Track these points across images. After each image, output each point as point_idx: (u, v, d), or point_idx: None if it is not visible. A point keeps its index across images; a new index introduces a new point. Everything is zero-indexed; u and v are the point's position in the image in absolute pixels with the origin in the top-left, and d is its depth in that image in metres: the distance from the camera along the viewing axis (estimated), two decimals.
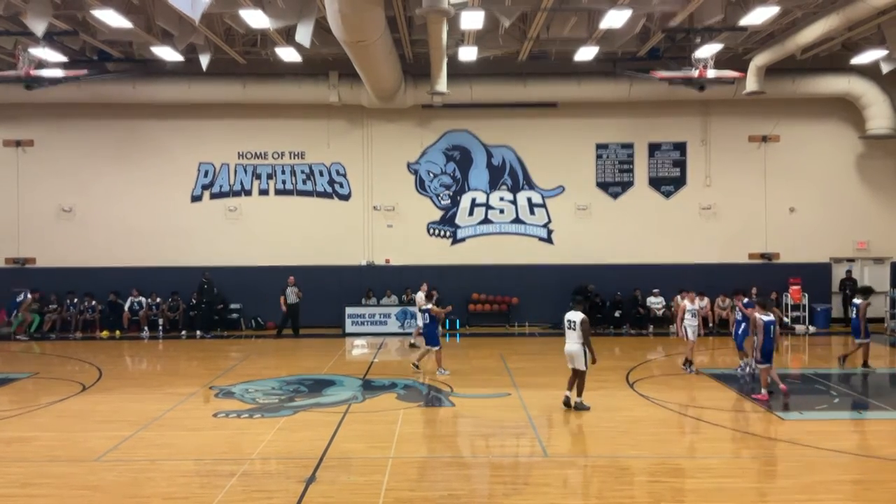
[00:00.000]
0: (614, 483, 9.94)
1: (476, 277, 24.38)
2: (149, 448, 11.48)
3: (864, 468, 10.33)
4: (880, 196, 24.52)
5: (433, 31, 16.60)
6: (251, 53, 22.28)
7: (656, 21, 19.47)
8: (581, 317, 13.12)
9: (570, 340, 13.24)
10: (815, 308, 23.83)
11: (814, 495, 9.54)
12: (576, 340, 13.12)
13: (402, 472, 10.27)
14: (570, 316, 13.29)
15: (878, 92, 23.12)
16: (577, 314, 13.19)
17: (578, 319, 13.10)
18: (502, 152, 24.88)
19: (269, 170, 24.91)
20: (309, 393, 15.26)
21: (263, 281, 24.04)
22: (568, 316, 13.34)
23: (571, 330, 13.22)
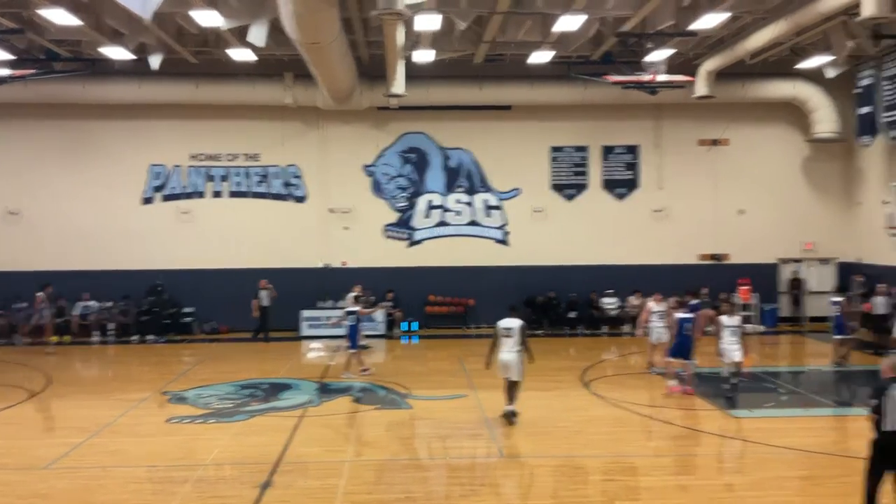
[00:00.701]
0: (569, 482, 10.05)
1: (433, 279, 24.40)
2: (100, 455, 11.26)
3: (812, 464, 10.61)
4: (826, 198, 25.19)
5: (389, 32, 16.58)
6: (204, 53, 21.98)
7: (609, 25, 19.73)
8: (519, 323, 12.78)
9: (506, 349, 12.71)
10: (763, 308, 24.37)
11: (764, 491, 9.77)
12: (513, 349, 12.67)
13: (359, 476, 10.25)
14: (507, 323, 12.81)
15: (823, 96, 23.75)
16: (515, 321, 12.79)
17: (517, 326, 12.72)
18: (459, 154, 24.96)
19: (222, 172, 24.59)
20: (264, 397, 15.12)
21: (218, 284, 23.70)
22: (504, 323, 12.82)
23: (508, 338, 12.72)
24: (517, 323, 12.76)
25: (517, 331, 12.69)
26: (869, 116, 22.50)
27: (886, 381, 8.08)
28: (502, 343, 12.74)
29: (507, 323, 12.80)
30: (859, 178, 24.61)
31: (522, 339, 12.69)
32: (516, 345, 12.66)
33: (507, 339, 12.72)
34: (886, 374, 8.18)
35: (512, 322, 12.78)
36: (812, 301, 24.99)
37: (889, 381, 8.07)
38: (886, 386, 7.99)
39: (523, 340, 12.69)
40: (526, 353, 12.75)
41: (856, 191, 24.76)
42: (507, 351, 12.71)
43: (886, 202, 20.83)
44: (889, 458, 7.94)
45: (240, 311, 23.52)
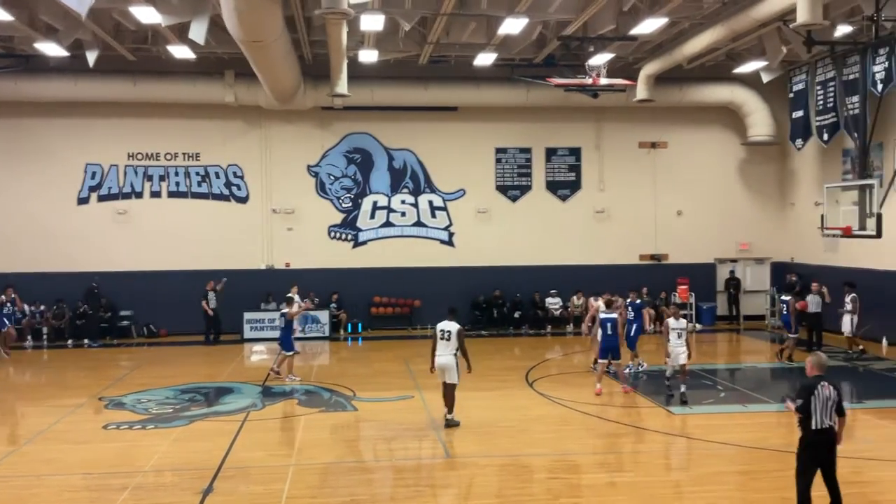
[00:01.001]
0: (514, 481, 10.13)
1: (378, 280, 24.32)
2: (33, 463, 10.90)
3: (750, 459, 10.88)
4: (761, 199, 25.92)
5: (333, 32, 16.47)
6: (142, 50, 21.48)
7: (552, 29, 19.97)
8: (457, 327, 12.54)
9: (442, 352, 12.53)
10: (701, 307, 24.96)
11: (704, 487, 10.00)
12: (450, 352, 12.48)
13: (304, 480, 10.14)
14: (445, 326, 12.59)
15: (758, 101, 24.44)
16: (453, 324, 12.56)
17: (454, 329, 12.48)
18: (404, 155, 24.92)
19: (161, 171, 24.06)
20: (205, 402, 14.85)
21: (157, 287, 23.19)
22: (441, 326, 12.62)
23: (445, 341, 12.52)
24: (455, 326, 12.54)
25: (454, 334, 12.47)
26: (802, 120, 23.25)
27: (813, 379, 8.24)
28: (439, 346, 12.55)
29: (444, 325, 12.61)
30: (793, 180, 25.40)
31: (460, 342, 12.48)
32: (453, 348, 12.46)
33: (444, 343, 12.51)
34: (811, 373, 8.35)
35: (449, 325, 12.58)
36: (747, 300, 25.71)
37: (815, 379, 8.23)
38: (814, 384, 8.14)
39: (460, 344, 12.49)
40: (462, 358, 12.52)
41: (789, 192, 25.55)
42: (443, 354, 12.52)
43: (819, 203, 21.52)
44: (818, 456, 8.10)
45: (180, 313, 23.10)
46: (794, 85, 23.64)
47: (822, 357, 8.61)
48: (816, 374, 8.30)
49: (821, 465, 8.14)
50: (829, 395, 8.09)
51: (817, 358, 8.50)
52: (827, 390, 8.10)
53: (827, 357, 8.82)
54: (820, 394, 8.08)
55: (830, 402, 8.09)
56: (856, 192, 18.15)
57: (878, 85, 19.33)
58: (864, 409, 14.13)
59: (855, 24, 18.45)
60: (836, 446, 8.18)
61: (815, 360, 8.46)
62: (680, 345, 14.14)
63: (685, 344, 14.17)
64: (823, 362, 8.47)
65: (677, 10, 17.55)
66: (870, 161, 19.80)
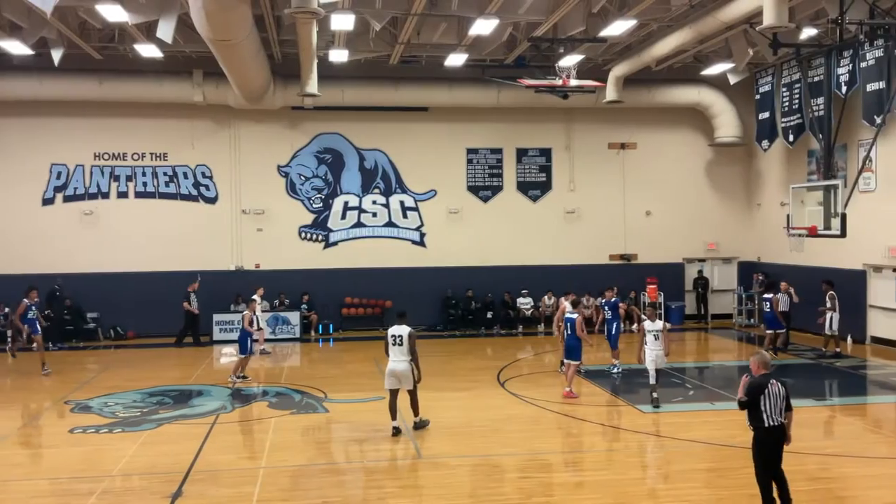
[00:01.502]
0: (487, 481, 10.15)
1: (349, 281, 24.22)
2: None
3: (718, 456, 11.01)
4: (728, 200, 26.25)
5: (303, 31, 16.37)
6: (108, 49, 21.19)
7: (522, 30, 20.05)
8: (408, 330, 12.09)
9: (396, 358, 12.07)
10: (670, 306, 25.20)
11: (673, 484, 10.12)
12: (403, 357, 12.05)
13: (274, 482, 10.07)
14: (396, 330, 12.12)
15: (725, 102, 24.76)
16: (404, 328, 12.12)
17: (406, 333, 12.04)
18: (375, 156, 24.85)
19: (128, 171, 23.74)
20: (174, 404, 14.68)
21: (124, 288, 22.89)
22: (392, 331, 12.15)
23: (398, 346, 12.04)
24: (406, 330, 12.09)
25: (406, 338, 12.04)
26: (768, 122, 23.60)
27: (762, 378, 8.40)
28: (392, 352, 12.12)
29: (395, 330, 12.14)
30: (759, 181, 25.77)
31: (411, 348, 12.04)
32: (406, 353, 12.04)
33: (397, 348, 12.08)
34: (759, 371, 8.50)
35: (401, 329, 12.11)
36: (715, 299, 26.03)
37: (764, 377, 8.39)
38: (764, 383, 8.31)
39: (412, 349, 12.05)
40: (414, 364, 12.09)
41: (756, 193, 25.91)
42: (396, 360, 12.08)
43: (784, 204, 21.85)
44: (772, 452, 8.34)
45: (147, 315, 22.84)
46: (761, 87, 24.00)
47: (767, 356, 8.83)
48: (764, 373, 8.47)
49: (776, 458, 8.39)
50: (779, 392, 8.33)
51: (762, 357, 8.69)
52: (776, 388, 8.33)
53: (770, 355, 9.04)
54: (770, 392, 8.28)
55: (780, 400, 8.32)
56: (821, 193, 18.45)
57: (843, 87, 19.70)
58: (829, 406, 14.36)
59: (820, 27, 18.77)
60: (784, 442, 8.43)
61: (761, 358, 8.65)
62: (657, 347, 13.84)
63: (662, 347, 13.87)
64: (768, 360, 8.70)
65: (646, 12, 17.71)
66: (834, 162, 20.16)
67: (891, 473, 10.28)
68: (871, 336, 20.62)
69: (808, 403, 14.08)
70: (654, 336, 13.88)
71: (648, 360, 13.86)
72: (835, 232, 17.71)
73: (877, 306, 20.51)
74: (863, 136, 20.17)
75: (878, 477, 10.12)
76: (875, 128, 18.61)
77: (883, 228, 19.75)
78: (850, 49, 18.89)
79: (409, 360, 12.03)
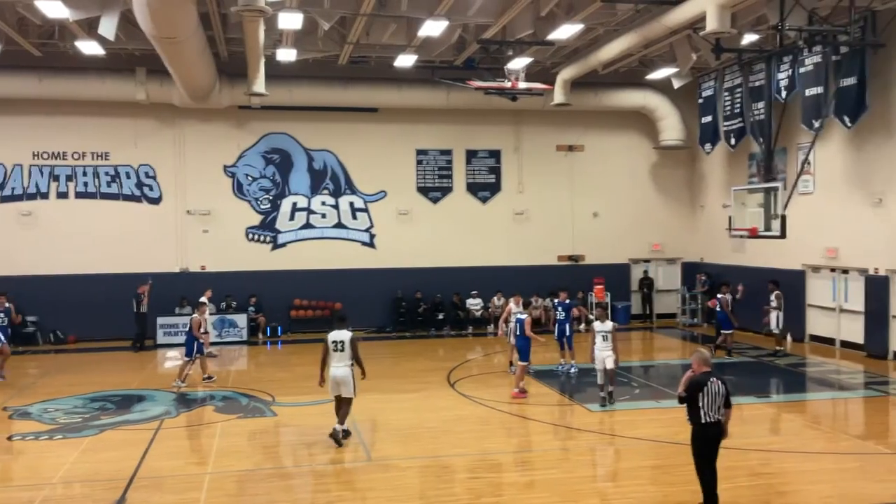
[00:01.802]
0: (436, 482, 10.16)
1: (298, 283, 23.98)
2: None
3: (662, 453, 11.21)
4: (672, 202, 26.76)
5: (249, 30, 16.18)
6: (48, 45, 20.61)
7: (471, 32, 20.13)
8: (350, 335, 11.82)
9: (337, 363, 11.71)
10: (616, 306, 25.57)
11: (620, 481, 10.28)
12: (345, 363, 11.72)
13: (221, 488, 9.91)
14: (336, 336, 11.78)
15: (669, 106, 25.24)
16: (345, 332, 11.84)
17: (347, 338, 11.74)
18: (324, 156, 24.66)
19: (68, 171, 23.12)
20: (116, 410, 14.34)
21: (64, 291, 22.28)
22: (333, 336, 11.79)
23: (339, 351, 11.72)
24: (347, 335, 11.82)
25: (348, 343, 11.74)
26: (711, 125, 24.13)
27: (702, 375, 8.62)
28: (333, 357, 11.77)
29: (336, 335, 11.80)
30: (702, 183, 26.33)
31: (354, 352, 11.77)
32: (347, 358, 11.74)
33: (338, 354, 11.74)
34: (700, 369, 8.71)
35: (341, 334, 11.82)
36: (660, 298, 26.51)
37: (704, 375, 8.61)
38: (704, 381, 8.53)
39: (354, 353, 11.78)
40: (358, 367, 11.85)
41: (699, 195, 26.47)
42: (337, 365, 11.73)
43: (727, 205, 22.36)
44: (708, 447, 8.58)
45: (89, 319, 22.29)
46: (704, 91, 24.53)
47: (706, 353, 9.03)
48: (705, 371, 8.69)
49: (712, 453, 8.62)
50: (718, 390, 8.55)
51: (702, 355, 8.90)
52: (716, 386, 8.55)
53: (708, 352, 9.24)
54: (709, 390, 8.50)
55: (719, 397, 8.54)
56: (761, 195, 18.91)
57: (783, 92, 20.24)
58: (770, 403, 14.75)
59: (761, 33, 19.27)
60: (720, 438, 8.65)
61: (701, 356, 8.86)
62: (606, 347, 13.93)
63: (611, 347, 13.95)
64: (708, 358, 8.93)
65: (592, 16, 17.96)
66: (774, 165, 20.69)
67: (829, 468, 10.59)
68: (810, 334, 21.24)
69: (750, 401, 14.44)
70: (603, 337, 14.01)
71: (598, 360, 13.99)
72: (775, 233, 18.18)
73: (815, 305, 21.14)
74: (802, 140, 20.77)
75: (818, 472, 10.42)
76: (813, 132, 19.17)
77: (821, 230, 20.36)
78: (789, 55, 19.42)
79: (349, 365, 11.72)
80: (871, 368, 17.58)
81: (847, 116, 18.46)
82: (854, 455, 11.15)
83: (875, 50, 17.84)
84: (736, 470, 10.16)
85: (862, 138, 19.11)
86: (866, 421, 13.85)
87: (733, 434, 9.15)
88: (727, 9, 15.18)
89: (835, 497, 9.38)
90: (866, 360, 18.52)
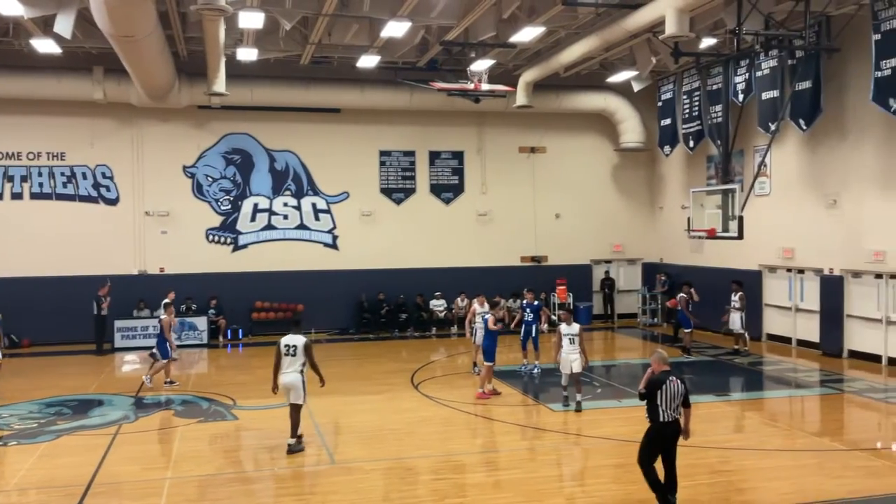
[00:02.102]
0: (400, 484, 10.13)
1: (260, 285, 23.75)
2: None
3: (625, 452, 11.27)
4: (632, 203, 27.07)
5: (209, 29, 15.97)
6: (3, 44, 20.12)
7: (434, 33, 20.14)
8: (303, 340, 11.44)
9: (287, 369, 11.34)
10: (578, 306, 25.75)
11: (583, 480, 10.36)
12: (296, 369, 11.33)
13: (181, 493, 9.76)
14: (290, 340, 11.42)
15: (629, 109, 25.53)
16: (298, 337, 11.48)
17: (301, 343, 11.37)
18: (285, 157, 24.46)
19: (23, 171, 22.60)
20: (73, 415, 14.05)
21: (18, 294, 21.74)
22: (286, 340, 11.43)
23: (290, 356, 11.33)
24: (301, 340, 11.44)
25: (301, 349, 11.36)
26: (670, 128, 24.48)
27: (661, 375, 8.78)
28: (284, 362, 11.41)
29: (289, 340, 11.44)
30: (662, 185, 26.68)
31: (309, 358, 11.42)
32: (299, 364, 11.36)
33: (290, 359, 11.36)
34: (659, 369, 8.87)
35: (295, 339, 11.46)
36: (621, 299, 26.79)
37: (663, 374, 8.77)
38: (663, 380, 8.68)
39: (309, 358, 11.43)
40: (314, 373, 11.52)
41: (658, 196, 26.81)
42: (287, 371, 11.36)
43: (685, 207, 22.70)
44: (660, 444, 8.76)
45: (45, 322, 21.82)
46: (663, 94, 24.88)
47: (665, 353, 9.18)
48: (664, 370, 8.84)
49: (663, 452, 8.80)
50: (677, 389, 8.69)
51: (661, 355, 9.06)
52: (674, 385, 8.69)
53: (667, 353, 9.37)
54: (667, 389, 8.64)
55: (678, 396, 8.69)
56: (719, 197, 19.20)
57: (740, 95, 20.61)
58: (729, 402, 14.98)
59: (718, 37, 19.59)
60: (678, 437, 8.81)
61: (660, 356, 9.03)
62: (573, 350, 13.67)
63: (577, 350, 13.69)
64: (667, 358, 9.10)
65: (554, 19, 18.09)
66: (732, 167, 21.03)
67: (786, 465, 10.79)
68: (767, 333, 21.64)
69: (709, 399, 14.66)
70: (570, 339, 13.77)
71: (564, 363, 13.74)
72: (732, 234, 18.48)
73: (772, 305, 21.55)
74: (758, 143, 21.16)
75: (775, 469, 10.61)
76: (770, 134, 19.54)
77: (777, 231, 20.76)
78: (746, 59, 19.78)
79: (300, 370, 11.36)
80: (827, 367, 17.96)
81: (802, 119, 18.86)
82: (811, 452, 11.38)
83: (829, 54, 18.25)
84: (695, 468, 10.30)
85: (817, 141, 19.53)
86: (822, 418, 14.15)
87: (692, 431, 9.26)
88: (686, 13, 15.41)
89: (793, 493, 9.56)
90: (822, 358, 18.93)
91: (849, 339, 18.77)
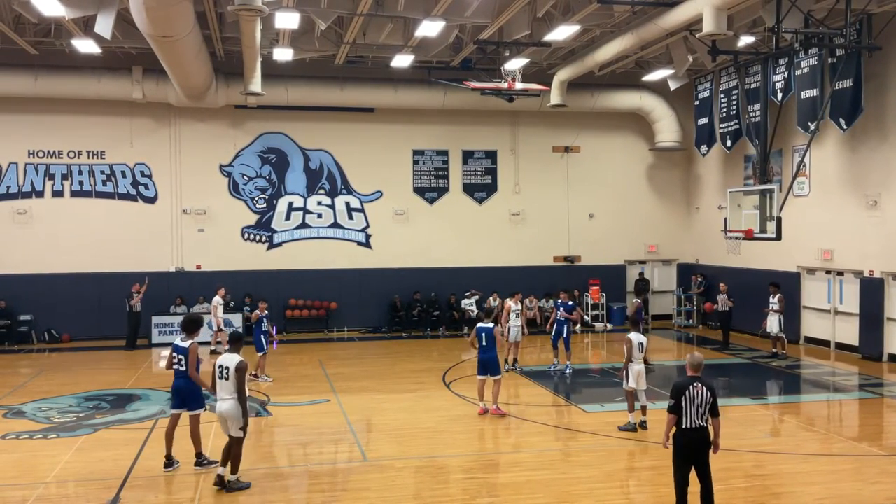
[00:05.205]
0: (432, 482, 10.15)
1: (294, 283, 23.95)
2: None
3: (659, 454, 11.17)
4: (667, 203, 26.80)
5: (246, 29, 16.15)
6: (45, 44, 20.56)
7: (468, 33, 20.13)
8: (237, 362, 9.61)
9: (221, 394, 9.64)
10: (612, 307, 25.59)
11: (615, 482, 10.27)
12: (228, 395, 9.60)
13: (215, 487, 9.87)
14: (224, 360, 9.70)
15: (665, 107, 25.27)
16: (233, 357, 9.70)
17: (233, 366, 9.58)
18: (320, 156, 24.64)
19: (64, 170, 23.06)
20: (111, 409, 14.30)
21: (59, 290, 22.23)
22: (220, 360, 9.75)
23: (223, 380, 9.60)
24: (234, 360, 9.64)
25: (233, 371, 9.55)
26: (707, 127, 24.16)
27: (686, 379, 8.32)
28: (219, 386, 9.71)
29: (223, 360, 9.74)
30: (698, 185, 26.36)
31: (238, 383, 9.56)
32: (231, 390, 9.59)
33: (222, 381, 9.66)
34: (688, 373, 8.40)
35: (229, 359, 9.69)
36: (655, 300, 26.53)
37: (689, 379, 8.31)
38: (687, 385, 8.22)
39: (239, 385, 9.57)
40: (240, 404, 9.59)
41: (695, 196, 26.50)
42: (222, 397, 9.67)
43: (722, 207, 22.38)
44: (689, 454, 8.22)
45: (83, 318, 22.26)
46: (700, 93, 24.57)
47: (697, 357, 8.58)
48: (691, 375, 8.38)
49: (694, 462, 8.26)
50: (702, 395, 8.19)
51: (692, 358, 8.51)
52: (699, 391, 8.19)
53: (702, 356, 8.72)
54: (691, 394, 8.16)
55: (703, 404, 8.18)
56: (757, 197, 18.89)
57: (779, 94, 20.28)
58: (765, 405, 14.76)
59: (757, 35, 19.32)
60: (709, 446, 8.26)
61: (690, 360, 8.50)
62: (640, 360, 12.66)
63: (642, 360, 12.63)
64: (698, 362, 8.52)
65: (589, 17, 17.97)
66: (770, 167, 20.68)
67: (823, 469, 10.61)
68: (805, 336, 21.28)
69: (745, 402, 14.45)
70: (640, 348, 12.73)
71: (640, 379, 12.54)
72: (770, 235, 18.19)
73: (810, 307, 21.18)
74: (797, 142, 20.81)
75: (811, 473, 10.44)
76: (809, 134, 19.20)
77: (816, 232, 20.41)
78: (785, 57, 19.45)
79: (235, 397, 9.59)
80: (866, 370, 17.61)
81: (843, 119, 18.51)
82: (848, 457, 11.17)
83: (870, 53, 17.89)
84: (730, 472, 10.17)
85: (857, 140, 19.15)
86: (861, 423, 13.88)
87: (728, 436, 9.12)
88: (724, 11, 15.21)
89: (829, 499, 9.40)
90: (861, 361, 18.57)
91: (889, 342, 18.39)
